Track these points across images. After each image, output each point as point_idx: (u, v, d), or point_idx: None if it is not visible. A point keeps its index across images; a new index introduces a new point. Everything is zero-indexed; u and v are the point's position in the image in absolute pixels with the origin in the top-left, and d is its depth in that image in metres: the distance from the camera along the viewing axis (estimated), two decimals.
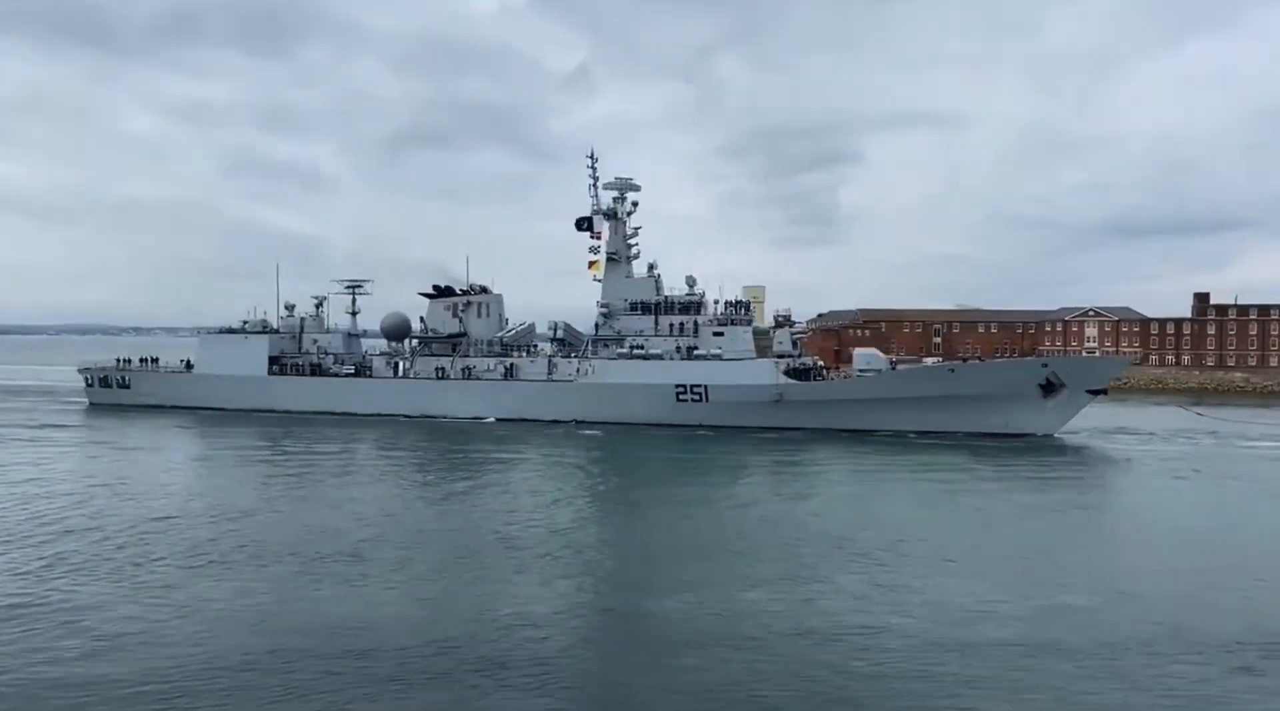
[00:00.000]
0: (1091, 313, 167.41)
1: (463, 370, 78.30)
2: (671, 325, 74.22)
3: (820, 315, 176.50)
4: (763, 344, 73.57)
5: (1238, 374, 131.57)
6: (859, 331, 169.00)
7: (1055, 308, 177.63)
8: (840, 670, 21.36)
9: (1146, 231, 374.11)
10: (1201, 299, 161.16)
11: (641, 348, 73.50)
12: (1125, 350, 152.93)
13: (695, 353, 72.02)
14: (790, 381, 68.67)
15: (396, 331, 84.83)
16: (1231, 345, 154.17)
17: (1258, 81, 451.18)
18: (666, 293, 76.18)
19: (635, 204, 77.94)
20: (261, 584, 28.21)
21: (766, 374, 69.12)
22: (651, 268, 77.43)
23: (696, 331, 73.24)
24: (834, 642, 23.10)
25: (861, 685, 20.55)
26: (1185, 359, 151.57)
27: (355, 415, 78.66)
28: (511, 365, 77.39)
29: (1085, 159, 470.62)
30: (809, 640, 23.24)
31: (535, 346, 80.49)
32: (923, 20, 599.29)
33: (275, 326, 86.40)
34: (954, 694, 20.00)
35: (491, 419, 75.22)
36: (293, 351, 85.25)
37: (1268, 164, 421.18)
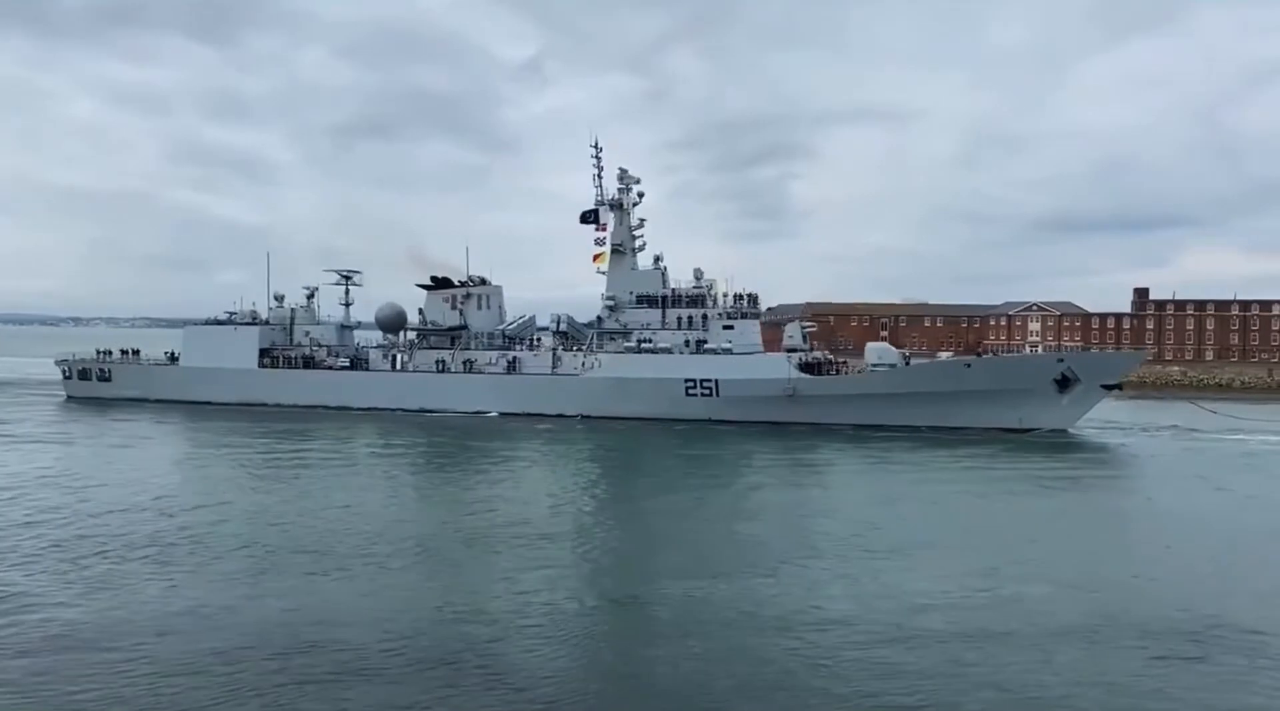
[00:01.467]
0: (1035, 307, 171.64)
1: (464, 363, 76.84)
2: (680, 318, 73.72)
3: (769, 309, 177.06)
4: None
5: (1175, 367, 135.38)
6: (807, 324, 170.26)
7: (999, 302, 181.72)
8: (785, 660, 21.59)
9: (1089, 227, 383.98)
10: (1141, 294, 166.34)
11: (649, 341, 72.92)
12: (1067, 344, 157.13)
13: (705, 346, 71.73)
14: (804, 376, 68.64)
15: (392, 323, 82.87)
16: (1169, 340, 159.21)
17: (1195, 81, 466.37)
18: (673, 285, 75.71)
19: (641, 195, 77.18)
20: (222, 582, 27.36)
21: (780, 368, 68.90)
22: (658, 260, 76.78)
23: (705, 325, 72.87)
24: (786, 633, 23.29)
25: (806, 674, 20.75)
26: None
27: (350, 409, 76.82)
28: (514, 358, 76.16)
29: (1030, 155, 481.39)
30: (762, 632, 23.40)
31: (539, 339, 79.30)
32: (874, 16, 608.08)
33: (265, 318, 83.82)
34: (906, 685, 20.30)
35: (494, 413, 74.03)
36: (284, 343, 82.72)
37: (1205, 163, 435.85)
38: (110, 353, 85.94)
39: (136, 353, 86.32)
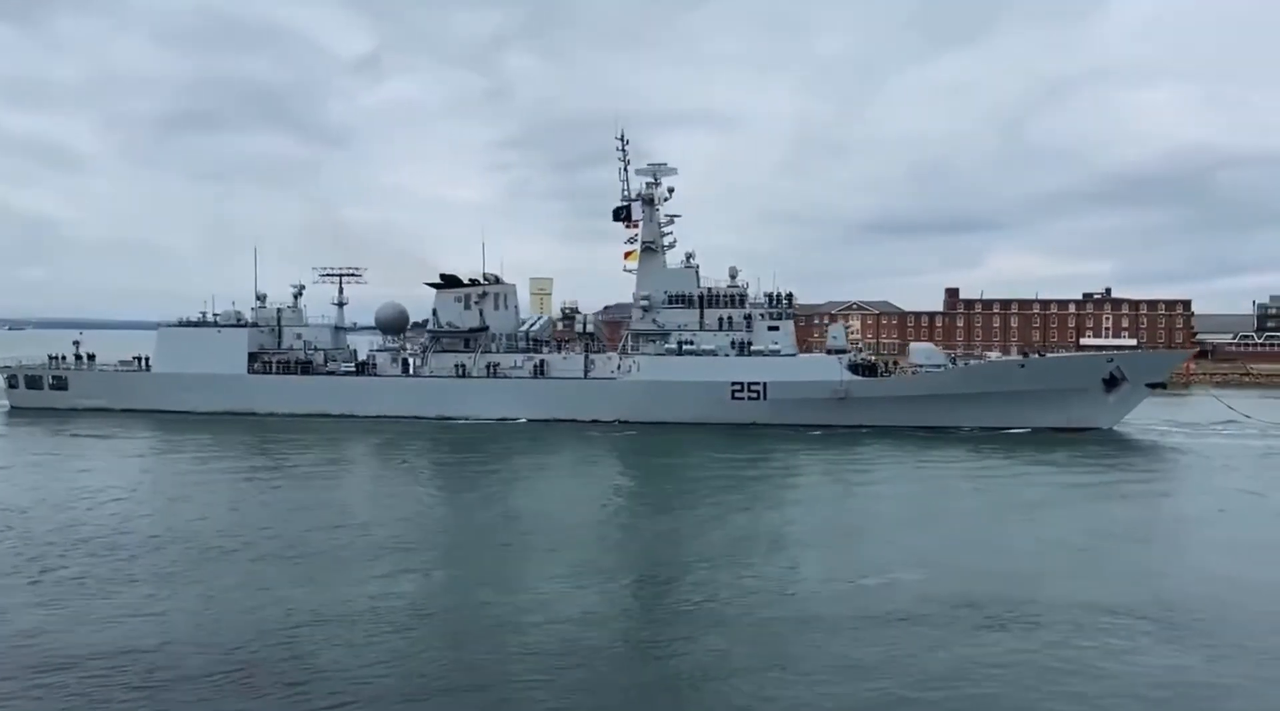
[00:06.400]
0: (855, 306, 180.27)
1: (487, 367, 71.47)
2: (721, 319, 71.14)
3: (606, 307, 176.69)
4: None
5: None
6: None
7: (823, 301, 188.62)
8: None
9: (907, 229, 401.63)
10: (952, 294, 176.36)
11: (691, 343, 70.09)
12: (885, 341, 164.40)
13: (752, 348, 69.52)
14: (856, 378, 67.52)
15: (394, 324, 76.07)
16: (979, 336, 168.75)
17: (1001, 94, 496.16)
18: (707, 285, 72.92)
19: (671, 190, 73.87)
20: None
21: (831, 370, 67.41)
22: (689, 257, 73.83)
23: (749, 325, 70.63)
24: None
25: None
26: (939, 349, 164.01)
27: (356, 417, 70.14)
28: (542, 361, 71.51)
29: (852, 160, 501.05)
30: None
31: (568, 341, 74.63)
32: (708, 22, 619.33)
33: (251, 319, 75.20)
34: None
35: (522, 419, 69.26)
36: (273, 346, 74.64)
37: (1010, 170, 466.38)
38: (63, 357, 75.09)
39: (93, 357, 75.90)
